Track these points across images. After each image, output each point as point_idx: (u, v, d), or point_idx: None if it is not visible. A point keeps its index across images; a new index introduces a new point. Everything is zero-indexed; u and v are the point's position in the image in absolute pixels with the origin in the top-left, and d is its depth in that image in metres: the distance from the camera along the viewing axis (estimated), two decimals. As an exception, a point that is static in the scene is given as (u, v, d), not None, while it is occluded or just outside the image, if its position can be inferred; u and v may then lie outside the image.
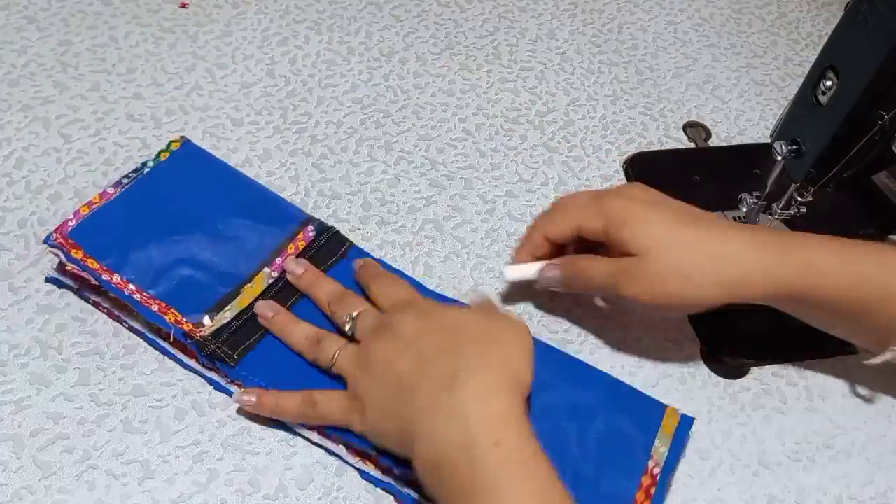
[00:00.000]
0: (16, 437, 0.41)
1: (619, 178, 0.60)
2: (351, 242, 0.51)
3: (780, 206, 0.50)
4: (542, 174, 0.60)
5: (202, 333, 0.44)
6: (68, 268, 0.45)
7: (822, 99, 0.44)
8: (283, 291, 0.47)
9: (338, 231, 0.51)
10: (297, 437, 0.43)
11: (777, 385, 0.49)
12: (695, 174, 0.61)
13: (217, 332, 0.44)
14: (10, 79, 0.59)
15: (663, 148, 0.63)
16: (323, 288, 0.47)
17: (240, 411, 0.44)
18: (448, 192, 0.57)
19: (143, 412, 0.43)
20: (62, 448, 0.41)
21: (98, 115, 0.58)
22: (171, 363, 0.45)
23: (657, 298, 0.42)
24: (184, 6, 0.67)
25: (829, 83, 0.43)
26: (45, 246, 0.45)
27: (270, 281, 0.47)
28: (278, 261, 0.48)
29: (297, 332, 0.45)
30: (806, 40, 0.76)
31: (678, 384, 0.49)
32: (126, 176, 0.50)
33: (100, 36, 0.64)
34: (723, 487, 0.44)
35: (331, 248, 0.50)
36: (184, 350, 0.45)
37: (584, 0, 0.76)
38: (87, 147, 0.56)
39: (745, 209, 0.52)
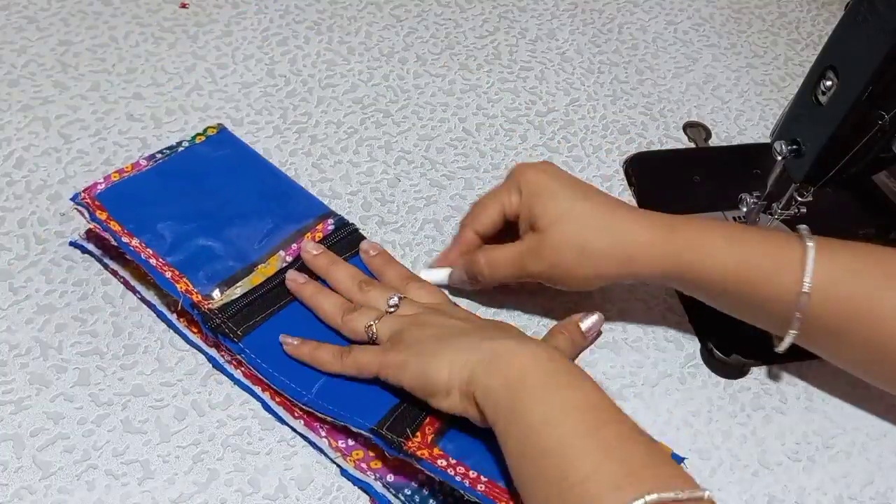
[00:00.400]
0: (16, 437, 0.41)
1: (620, 178, 0.60)
2: (367, 239, 0.52)
3: (780, 206, 0.50)
4: (542, 174, 0.60)
5: (209, 306, 0.45)
6: (91, 227, 0.47)
7: (822, 99, 0.44)
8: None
9: (356, 228, 0.52)
10: (297, 437, 0.43)
11: (777, 385, 0.49)
12: (695, 174, 0.61)
13: (224, 307, 0.45)
14: (10, 79, 0.59)
15: (663, 148, 0.63)
16: (342, 270, 0.48)
17: (240, 412, 0.44)
18: (448, 192, 0.57)
19: (143, 412, 0.43)
20: (62, 448, 0.41)
21: (98, 115, 0.58)
22: (171, 363, 0.45)
23: (560, 272, 0.45)
24: (184, 6, 0.68)
25: (829, 83, 0.43)
26: (71, 205, 0.47)
27: (284, 264, 0.48)
28: (294, 246, 0.49)
29: (330, 299, 0.46)
30: (806, 40, 0.76)
31: (678, 384, 0.49)
32: (160, 151, 0.52)
33: (100, 36, 0.64)
34: (723, 487, 0.44)
35: (347, 243, 0.51)
36: (190, 323, 0.46)
37: (584, 0, 0.76)
38: (87, 147, 0.56)
39: (745, 209, 0.52)
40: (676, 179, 0.60)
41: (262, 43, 0.66)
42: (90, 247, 0.49)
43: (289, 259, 0.49)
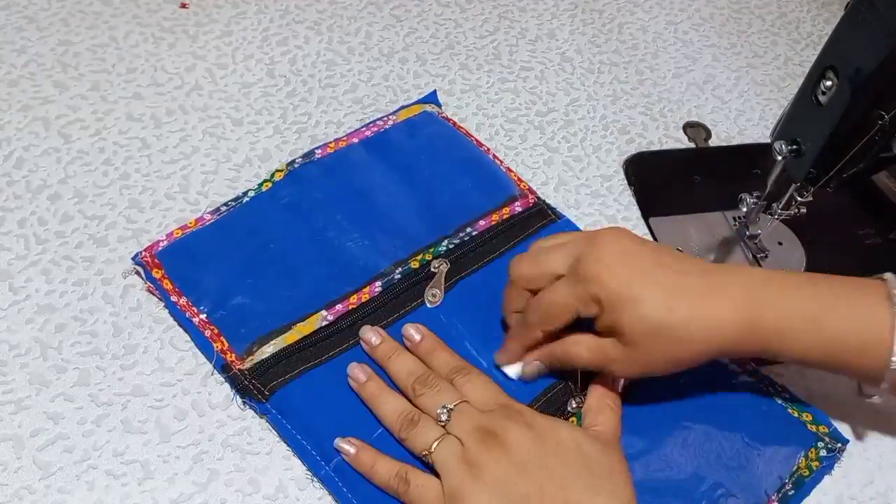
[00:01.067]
0: (16, 437, 0.41)
1: (620, 178, 0.60)
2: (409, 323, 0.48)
3: (780, 206, 0.50)
4: (543, 174, 0.60)
5: (240, 367, 0.44)
6: (147, 286, 0.48)
7: (822, 99, 0.44)
8: (333, 337, 0.46)
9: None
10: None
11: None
12: (695, 174, 0.61)
13: (254, 367, 0.44)
14: (10, 79, 0.59)
15: (663, 148, 0.63)
16: (402, 364, 0.45)
17: (240, 412, 0.44)
18: (448, 192, 0.57)
19: (143, 412, 0.43)
20: (62, 448, 0.41)
21: (98, 115, 0.58)
22: (171, 363, 0.45)
23: (646, 374, 0.43)
24: (184, 6, 0.67)
25: (829, 83, 0.43)
26: (132, 265, 0.48)
27: (324, 323, 0.47)
28: (339, 307, 0.48)
29: (390, 404, 0.43)
30: (806, 40, 0.76)
31: (678, 384, 0.48)
32: (225, 204, 0.52)
33: (100, 36, 0.64)
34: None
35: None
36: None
37: (584, 0, 0.76)
38: (87, 147, 0.56)
39: (745, 209, 0.52)
40: (676, 179, 0.61)
41: (262, 43, 0.66)
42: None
43: (329, 318, 0.47)
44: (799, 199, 0.49)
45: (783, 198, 0.50)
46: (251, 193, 0.53)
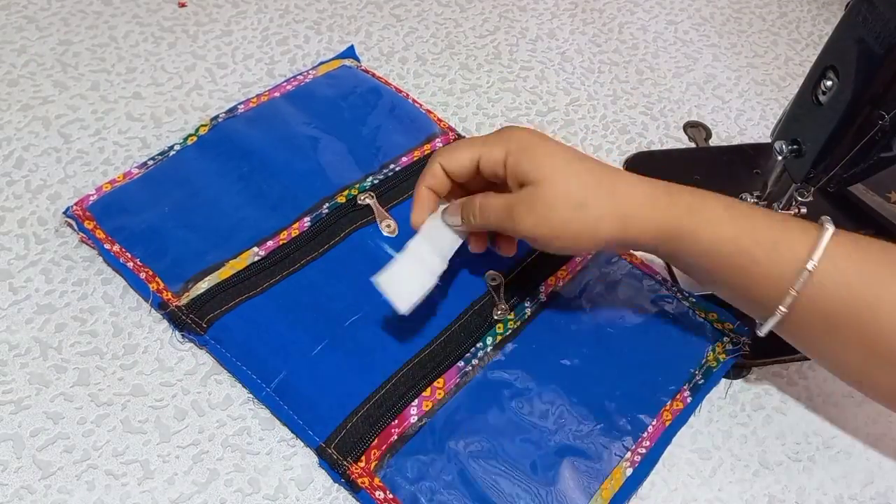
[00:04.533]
0: (16, 437, 0.41)
1: (619, 178, 0.60)
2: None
3: (780, 206, 0.50)
4: (542, 174, 0.60)
5: (177, 303, 0.46)
6: (80, 237, 0.49)
7: (822, 99, 0.44)
8: (266, 270, 0.49)
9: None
10: (297, 438, 0.43)
11: (777, 385, 0.49)
12: (695, 174, 0.61)
13: (191, 303, 0.46)
14: (10, 79, 0.59)
15: (663, 148, 0.63)
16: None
17: (240, 412, 0.44)
18: (448, 192, 0.57)
19: (143, 412, 0.43)
20: (62, 448, 0.41)
21: (98, 115, 0.58)
22: (171, 363, 0.45)
23: (554, 228, 0.41)
24: (182, 5, 0.67)
25: (829, 83, 0.43)
26: (63, 218, 0.50)
27: (256, 259, 0.49)
28: (270, 243, 0.50)
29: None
30: (806, 40, 0.76)
31: (678, 384, 0.49)
32: (151, 158, 0.54)
33: (100, 36, 0.64)
34: (723, 487, 0.44)
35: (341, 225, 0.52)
36: None
37: (584, 0, 0.76)
38: (87, 147, 0.56)
39: (745, 209, 0.52)
40: (676, 179, 0.60)
41: (262, 43, 0.66)
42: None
43: (261, 254, 0.49)
44: (799, 199, 0.49)
45: (783, 198, 0.50)
46: (177, 147, 0.55)
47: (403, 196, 0.54)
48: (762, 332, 0.42)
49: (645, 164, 0.61)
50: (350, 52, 0.65)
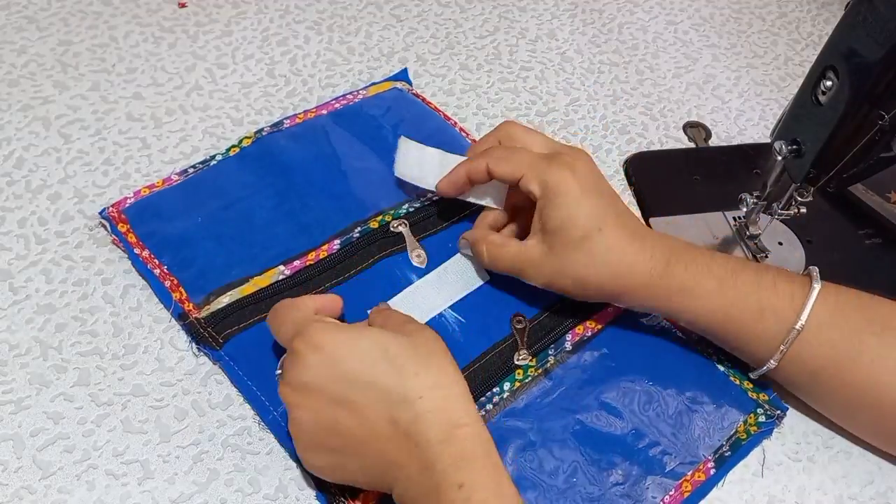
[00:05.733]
0: (16, 437, 0.41)
1: (620, 178, 0.60)
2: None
3: (780, 206, 0.50)
4: (542, 174, 0.60)
5: (197, 315, 0.46)
6: (112, 239, 0.50)
7: (822, 99, 0.44)
8: (289, 290, 0.47)
9: (388, 232, 0.51)
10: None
11: (777, 385, 0.49)
12: (695, 174, 0.61)
13: (211, 316, 0.46)
14: (10, 79, 0.59)
15: (663, 148, 0.63)
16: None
17: (240, 412, 0.44)
18: (448, 192, 0.57)
19: (143, 412, 0.43)
20: (62, 448, 0.41)
21: (98, 115, 0.58)
22: (171, 363, 0.45)
23: (554, 288, 0.46)
24: (182, 5, 0.67)
25: (829, 83, 0.43)
26: (98, 218, 0.50)
27: (281, 277, 0.48)
28: (297, 263, 0.49)
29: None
30: (806, 40, 0.76)
31: (678, 384, 0.48)
32: (192, 165, 0.54)
33: (100, 36, 0.64)
34: (723, 487, 0.44)
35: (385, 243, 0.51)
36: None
37: (584, 0, 0.76)
38: (87, 147, 0.56)
39: (745, 209, 0.52)
40: (676, 179, 0.60)
41: (262, 43, 0.66)
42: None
43: (287, 273, 0.48)
44: (799, 199, 0.49)
45: (783, 198, 0.50)
46: (219, 157, 0.54)
47: (438, 227, 0.52)
48: (754, 376, 0.47)
49: (645, 164, 0.61)
50: (403, 76, 0.64)
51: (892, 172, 0.48)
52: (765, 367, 0.45)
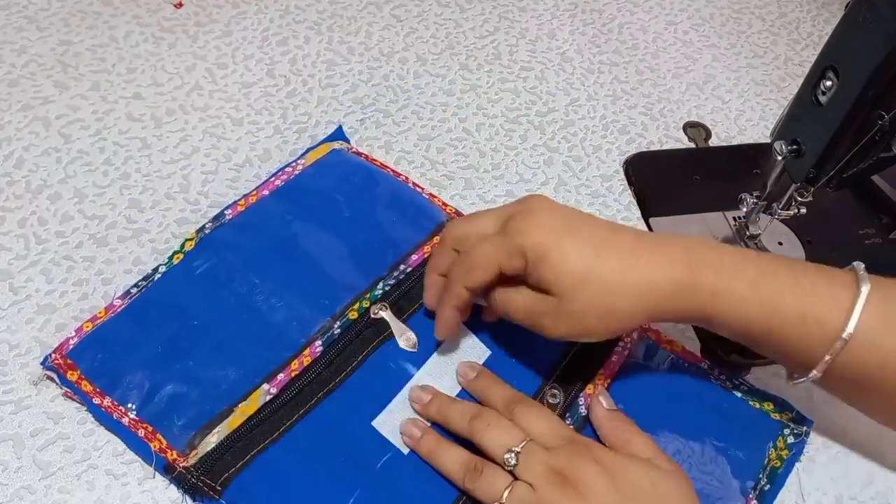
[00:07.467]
0: (16, 437, 0.41)
1: (620, 178, 0.60)
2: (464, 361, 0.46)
3: (780, 206, 0.50)
4: (543, 174, 0.60)
5: (185, 464, 0.40)
6: (64, 392, 0.43)
7: (822, 99, 0.44)
8: (281, 411, 0.43)
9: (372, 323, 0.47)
10: None
11: (777, 385, 0.49)
12: (695, 174, 0.61)
13: (200, 462, 0.40)
14: (10, 79, 0.59)
15: (663, 148, 0.63)
16: (456, 408, 0.43)
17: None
18: (448, 192, 0.57)
19: (143, 412, 0.43)
20: (62, 448, 0.41)
21: (98, 115, 0.58)
22: (171, 363, 0.45)
23: (581, 335, 0.41)
24: (179, 6, 0.67)
25: (829, 83, 0.43)
26: (42, 370, 0.43)
27: (268, 398, 0.43)
28: (281, 377, 0.44)
29: (451, 455, 0.41)
30: (806, 40, 0.76)
31: (678, 384, 0.48)
32: (135, 285, 0.47)
33: (100, 36, 0.64)
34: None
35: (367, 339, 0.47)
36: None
37: (584, 0, 0.76)
38: (87, 147, 0.56)
39: (745, 209, 0.52)
40: (676, 179, 0.61)
41: (262, 43, 0.66)
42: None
43: (273, 391, 0.43)
44: (799, 199, 0.49)
45: (783, 198, 0.50)
46: (162, 269, 0.48)
47: (419, 303, 0.48)
48: (792, 384, 0.43)
49: (645, 164, 0.61)
50: (339, 135, 0.58)
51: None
52: (807, 377, 0.41)
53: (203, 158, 0.56)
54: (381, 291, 0.49)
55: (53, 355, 0.43)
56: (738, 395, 0.47)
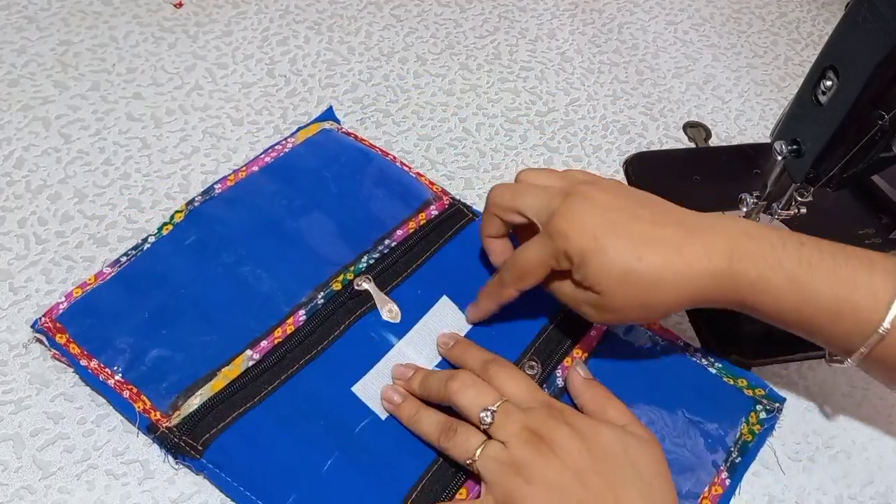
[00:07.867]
0: (16, 437, 0.41)
1: (620, 179, 0.60)
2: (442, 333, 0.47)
3: (780, 206, 0.50)
4: (542, 174, 0.60)
5: (168, 424, 0.41)
6: (52, 354, 0.44)
7: (822, 99, 0.44)
8: (263, 376, 0.44)
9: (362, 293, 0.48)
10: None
11: (777, 385, 0.49)
12: (695, 174, 0.61)
13: (182, 423, 0.41)
14: (10, 79, 0.59)
15: (663, 148, 0.63)
16: (432, 376, 0.44)
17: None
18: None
19: (143, 412, 0.43)
20: (62, 448, 0.41)
21: (98, 115, 0.58)
22: (171, 363, 0.45)
23: (620, 322, 0.45)
24: (179, 6, 0.67)
25: (829, 83, 0.43)
26: (32, 332, 0.44)
27: (251, 363, 0.44)
28: (264, 344, 0.45)
29: (428, 418, 0.42)
30: (806, 40, 0.76)
31: (678, 384, 0.48)
32: (125, 253, 0.48)
33: (100, 36, 0.64)
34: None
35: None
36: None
37: (584, 0, 0.76)
38: (87, 147, 0.56)
39: (745, 209, 0.52)
40: (676, 179, 0.60)
41: (262, 43, 0.66)
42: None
43: (256, 357, 0.44)
44: (799, 199, 0.49)
45: (783, 198, 0.50)
46: (151, 239, 0.49)
47: (403, 275, 0.49)
48: (831, 365, 0.43)
49: (645, 164, 0.61)
50: (329, 115, 0.60)
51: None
52: (844, 364, 0.41)
53: (203, 158, 0.56)
54: (365, 265, 0.50)
55: (43, 319, 0.44)
56: (713, 371, 0.48)
